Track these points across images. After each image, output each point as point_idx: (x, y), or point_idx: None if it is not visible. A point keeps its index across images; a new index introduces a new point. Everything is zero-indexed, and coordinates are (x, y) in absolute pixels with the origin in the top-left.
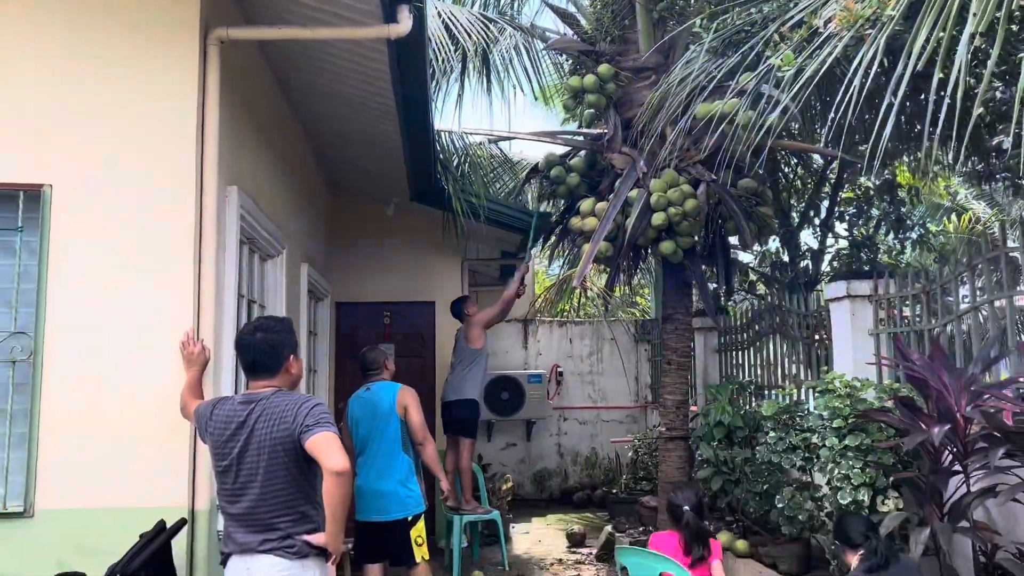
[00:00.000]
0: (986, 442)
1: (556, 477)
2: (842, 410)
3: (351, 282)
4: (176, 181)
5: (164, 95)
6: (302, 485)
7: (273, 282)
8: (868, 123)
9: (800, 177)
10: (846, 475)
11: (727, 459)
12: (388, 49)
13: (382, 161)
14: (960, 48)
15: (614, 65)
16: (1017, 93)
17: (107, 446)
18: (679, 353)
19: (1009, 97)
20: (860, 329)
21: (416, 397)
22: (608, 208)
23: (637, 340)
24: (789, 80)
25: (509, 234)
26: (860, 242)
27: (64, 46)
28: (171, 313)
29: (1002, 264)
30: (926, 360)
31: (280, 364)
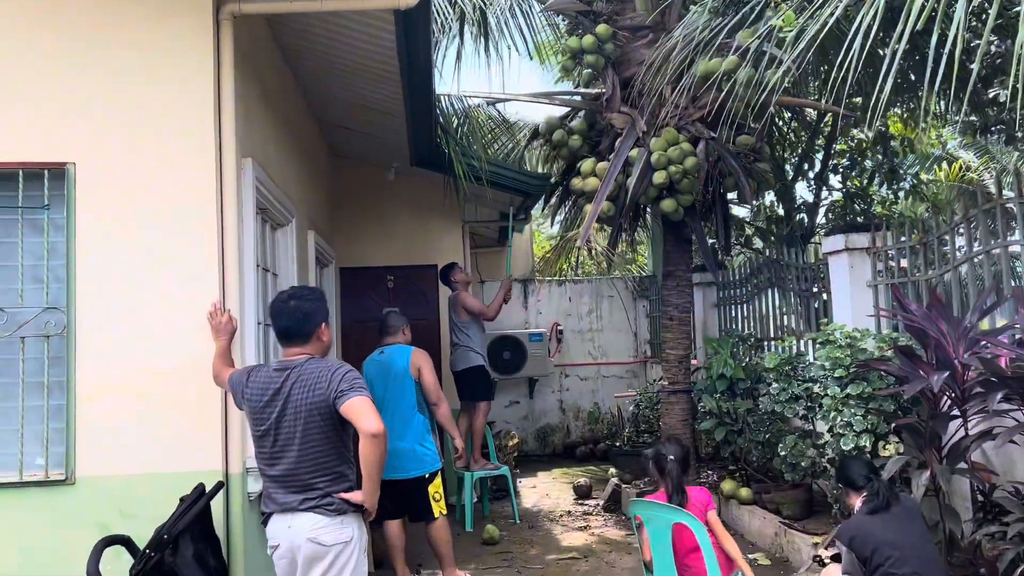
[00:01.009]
0: (983, 387)
1: (559, 432)
2: (843, 360)
3: (354, 247)
4: (196, 155)
5: (180, 71)
6: (337, 446)
7: (284, 250)
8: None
9: (794, 130)
10: (848, 422)
11: (730, 410)
12: (395, 18)
13: (384, 127)
14: (958, 7)
15: (611, 24)
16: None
17: (141, 414)
18: (680, 309)
19: (1005, 51)
20: (859, 281)
21: (429, 359)
22: (609, 168)
23: (636, 296)
24: (791, 41)
25: (509, 195)
26: (854, 193)
27: (82, 25)
28: (197, 284)
29: (997, 214)
30: (924, 310)
31: (313, 331)
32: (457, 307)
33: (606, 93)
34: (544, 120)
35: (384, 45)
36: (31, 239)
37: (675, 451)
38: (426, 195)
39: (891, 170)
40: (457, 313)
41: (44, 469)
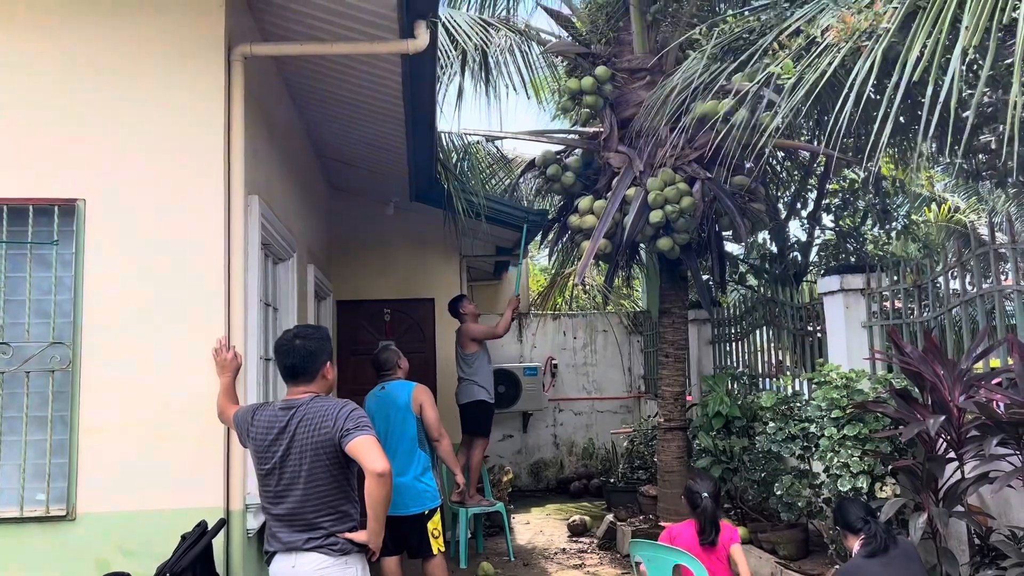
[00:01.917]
0: (979, 431)
1: (552, 468)
2: (840, 401)
3: (351, 280)
4: (205, 193)
5: (192, 110)
6: (342, 485)
7: (285, 284)
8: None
9: (787, 170)
10: (845, 463)
11: (725, 448)
12: (402, 61)
13: (385, 163)
14: (953, 61)
15: (609, 66)
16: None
17: (144, 450)
18: (676, 346)
19: (996, 100)
20: (854, 321)
21: (430, 394)
22: (607, 206)
23: (630, 332)
24: (789, 89)
25: (505, 231)
26: (847, 233)
27: (96, 64)
28: (203, 320)
29: (991, 258)
30: (920, 353)
31: (317, 370)
32: (464, 339)
33: (604, 133)
34: (541, 153)
35: (390, 86)
36: (39, 274)
37: (708, 487)
38: (424, 229)
39: (883, 210)
40: (463, 345)
41: (45, 504)
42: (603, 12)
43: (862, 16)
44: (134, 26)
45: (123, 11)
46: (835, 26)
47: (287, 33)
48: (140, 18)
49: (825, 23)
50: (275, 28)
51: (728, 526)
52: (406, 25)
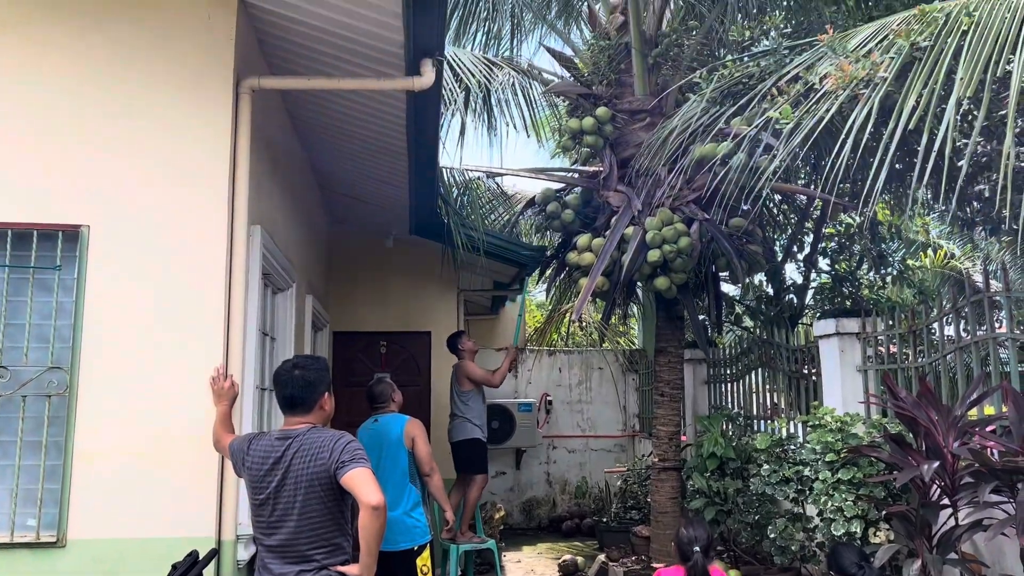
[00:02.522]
0: (973, 478)
1: (545, 506)
2: (834, 444)
3: (348, 311)
4: (208, 223)
5: (198, 140)
6: (336, 517)
7: (283, 314)
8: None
9: (784, 213)
10: (839, 507)
11: (720, 490)
12: (407, 97)
13: (386, 196)
14: (948, 111)
15: (610, 107)
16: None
17: (137, 477)
18: (671, 385)
19: (990, 150)
20: (849, 365)
21: (423, 429)
22: (605, 244)
23: (625, 370)
24: (787, 133)
25: (504, 266)
26: (842, 277)
27: (105, 91)
28: (202, 348)
29: (985, 305)
30: (914, 398)
31: (315, 401)
32: (460, 376)
33: (604, 172)
34: (541, 191)
35: (393, 121)
36: (40, 298)
37: (701, 538)
38: (422, 263)
39: (879, 255)
40: (460, 383)
41: (35, 530)
42: (605, 54)
43: (860, 65)
44: (144, 55)
45: (134, 40)
46: (833, 74)
47: (294, 67)
48: (151, 48)
49: (823, 71)
50: (282, 62)
51: (719, 571)
52: (412, 63)
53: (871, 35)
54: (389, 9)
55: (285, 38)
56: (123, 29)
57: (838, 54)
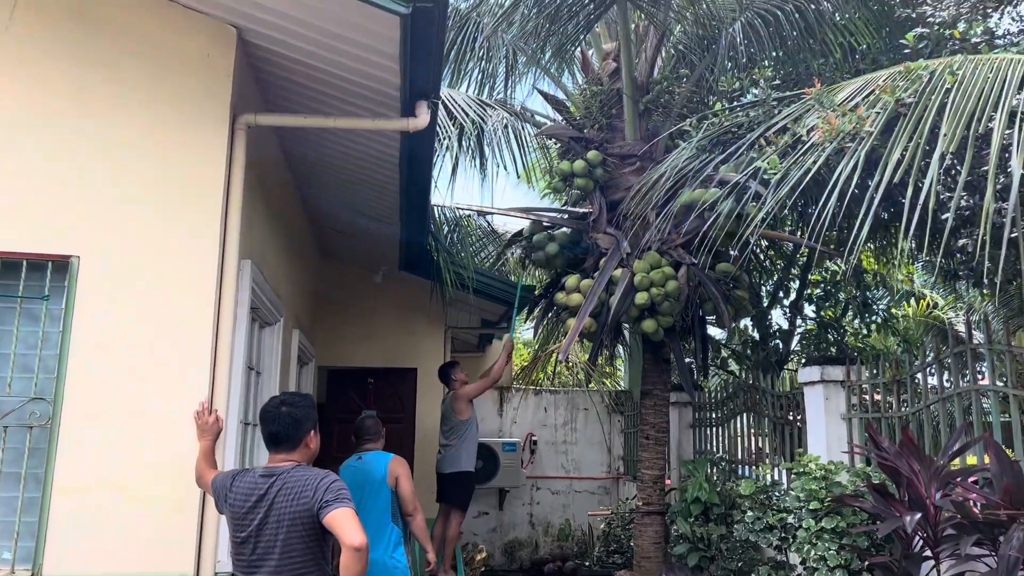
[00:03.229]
0: (956, 530)
1: (527, 548)
2: (818, 493)
3: (334, 346)
4: (199, 256)
5: (192, 174)
6: (317, 557)
7: (269, 349)
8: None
9: (770, 259)
10: (822, 556)
11: (703, 536)
12: (401, 137)
13: (376, 233)
14: (932, 165)
15: (601, 151)
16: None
17: (117, 512)
18: (657, 428)
19: (973, 205)
20: (833, 413)
21: (407, 467)
22: (593, 285)
23: (611, 411)
24: (775, 183)
25: (492, 304)
26: (828, 323)
27: (100, 123)
28: (188, 383)
29: (968, 356)
30: (897, 448)
31: (301, 438)
32: (457, 403)
33: (593, 214)
34: (530, 222)
35: (387, 160)
36: (26, 328)
37: None
38: (410, 299)
39: (864, 303)
40: (457, 412)
41: (11, 564)
42: (597, 99)
43: (846, 119)
44: (143, 90)
45: (133, 76)
46: (820, 126)
47: (290, 104)
48: (149, 83)
49: (811, 123)
50: (278, 99)
51: None
52: (408, 104)
53: (857, 90)
54: (386, 51)
55: (282, 76)
56: (123, 65)
57: (825, 107)
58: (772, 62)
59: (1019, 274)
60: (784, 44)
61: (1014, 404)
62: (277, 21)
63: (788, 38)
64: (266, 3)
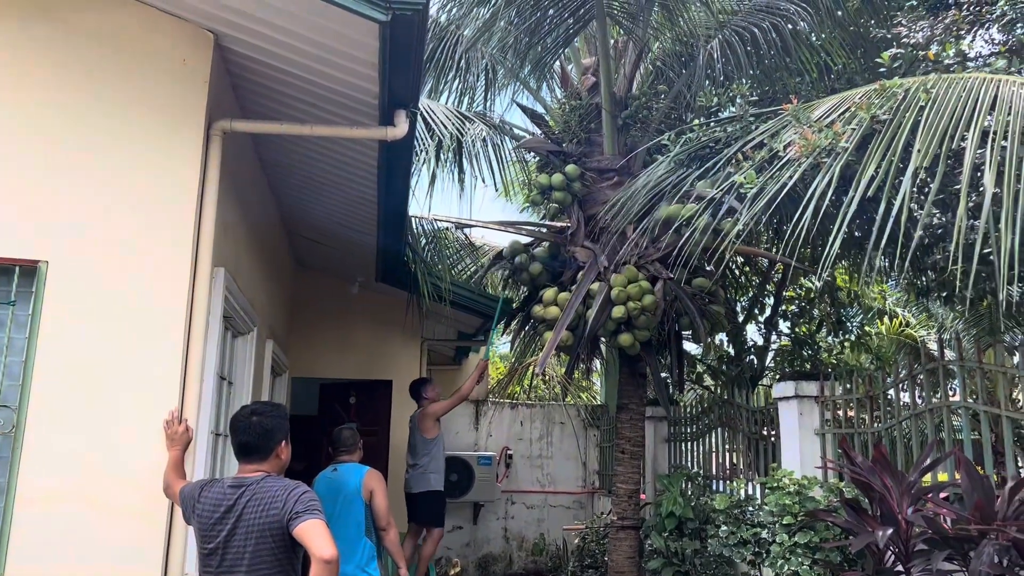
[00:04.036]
0: (927, 545)
1: (501, 562)
2: (791, 507)
3: (308, 357)
4: (172, 264)
5: (166, 181)
6: (286, 569)
7: (242, 358)
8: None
9: (746, 275)
10: (796, 571)
11: (677, 550)
12: (379, 146)
13: (353, 243)
14: (905, 181)
15: (579, 165)
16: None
17: (83, 522)
18: (632, 442)
19: (945, 222)
20: (807, 428)
21: (383, 481)
22: (571, 299)
23: (587, 425)
24: (751, 198)
25: (469, 316)
26: (802, 340)
27: (74, 131)
28: (157, 392)
29: (939, 373)
30: (869, 463)
31: (272, 449)
32: (424, 422)
33: (571, 228)
34: (509, 243)
35: (365, 169)
36: None
37: None
38: (387, 310)
39: (838, 320)
40: (424, 430)
41: None
42: (576, 113)
43: (823, 134)
44: (116, 93)
45: (106, 76)
46: (797, 142)
47: (267, 111)
48: (123, 86)
49: (787, 138)
50: (255, 105)
51: None
52: (386, 113)
53: (833, 107)
54: (365, 60)
55: (259, 83)
56: (97, 69)
57: (802, 123)
58: (749, 80)
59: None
60: (761, 63)
61: (984, 421)
62: (254, 27)
63: (765, 56)
64: (244, 9)
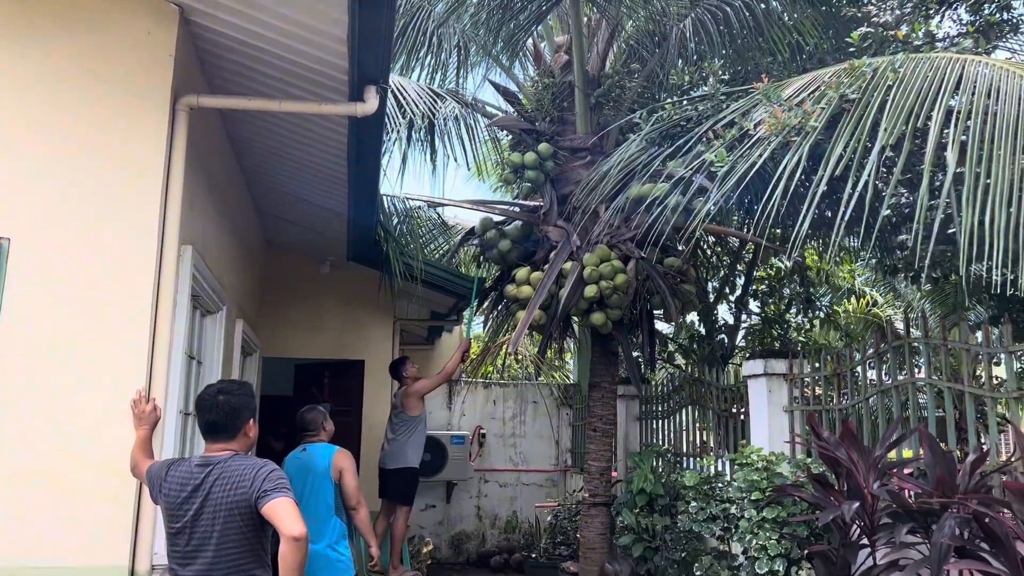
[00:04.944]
0: (891, 518)
1: (474, 540)
2: (760, 483)
3: (280, 338)
4: (137, 241)
5: (131, 157)
6: (255, 547)
7: (211, 338)
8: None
9: (717, 255)
10: (763, 546)
11: (648, 526)
12: (349, 123)
13: (324, 222)
14: (871, 157)
15: (552, 144)
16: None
17: (49, 503)
18: (604, 420)
19: (913, 202)
20: (776, 405)
21: (352, 460)
22: (543, 278)
23: (560, 404)
24: (722, 176)
25: (442, 296)
26: (772, 319)
27: (35, 106)
28: (124, 371)
29: (906, 351)
30: (837, 439)
31: (239, 427)
32: (411, 399)
33: (544, 207)
34: (480, 220)
35: (335, 146)
36: None
37: (624, 571)
38: (359, 290)
39: (807, 299)
40: (408, 407)
41: None
42: (549, 92)
43: (793, 113)
44: (78, 67)
45: (68, 49)
46: (767, 120)
47: (235, 87)
48: (85, 59)
49: (758, 117)
50: (223, 81)
51: None
52: (356, 89)
53: (804, 86)
54: (334, 35)
55: (227, 57)
56: (59, 41)
57: (772, 102)
58: (722, 60)
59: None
60: (734, 42)
61: (948, 398)
62: (222, 0)
63: (738, 36)
64: None
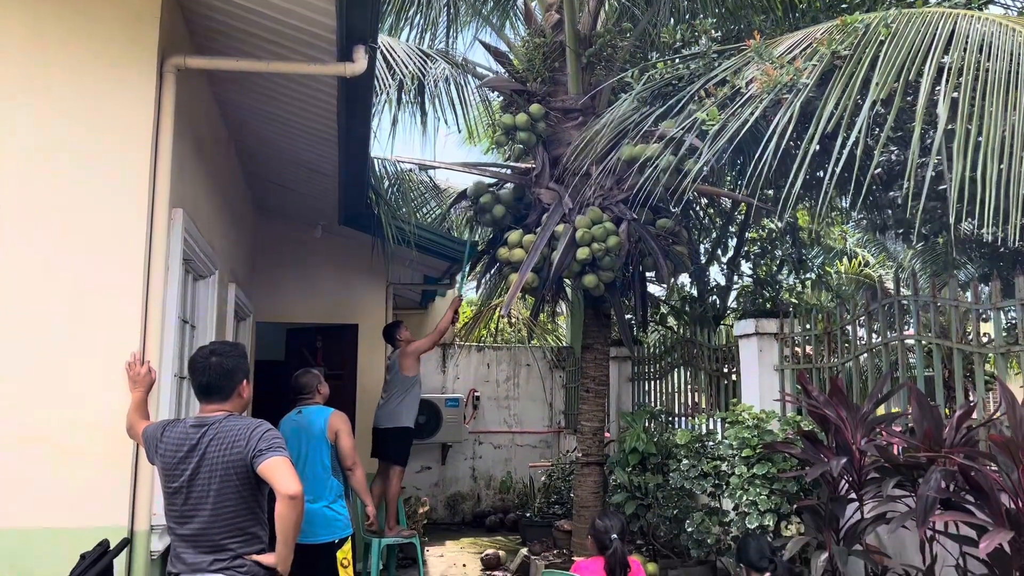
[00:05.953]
0: (879, 473)
1: (469, 501)
2: (750, 440)
3: (273, 302)
4: (128, 204)
5: (119, 118)
6: (252, 506)
7: (204, 302)
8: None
9: (709, 216)
10: (753, 501)
11: (640, 484)
12: (338, 84)
13: (315, 185)
14: (862, 113)
15: (543, 104)
16: (910, 156)
17: (46, 466)
18: (597, 381)
19: (904, 159)
20: (767, 364)
21: (347, 422)
22: (536, 241)
23: (552, 367)
24: (713, 135)
25: (435, 260)
26: (764, 280)
27: (19, 68)
28: (117, 334)
29: (895, 309)
30: (826, 396)
31: (233, 388)
32: (405, 359)
33: (536, 169)
34: (473, 183)
35: (325, 107)
36: None
37: (616, 526)
38: (351, 254)
39: (799, 260)
40: (404, 368)
41: None
42: (540, 52)
43: (784, 70)
44: (62, 27)
45: (51, 9)
46: (759, 78)
47: (223, 48)
48: (70, 19)
49: (750, 75)
50: (210, 43)
51: (635, 562)
52: (345, 49)
53: (796, 43)
54: None
55: (213, 17)
56: (43, 4)
57: (764, 59)
58: (715, 18)
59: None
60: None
61: (937, 355)
62: None
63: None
64: None
